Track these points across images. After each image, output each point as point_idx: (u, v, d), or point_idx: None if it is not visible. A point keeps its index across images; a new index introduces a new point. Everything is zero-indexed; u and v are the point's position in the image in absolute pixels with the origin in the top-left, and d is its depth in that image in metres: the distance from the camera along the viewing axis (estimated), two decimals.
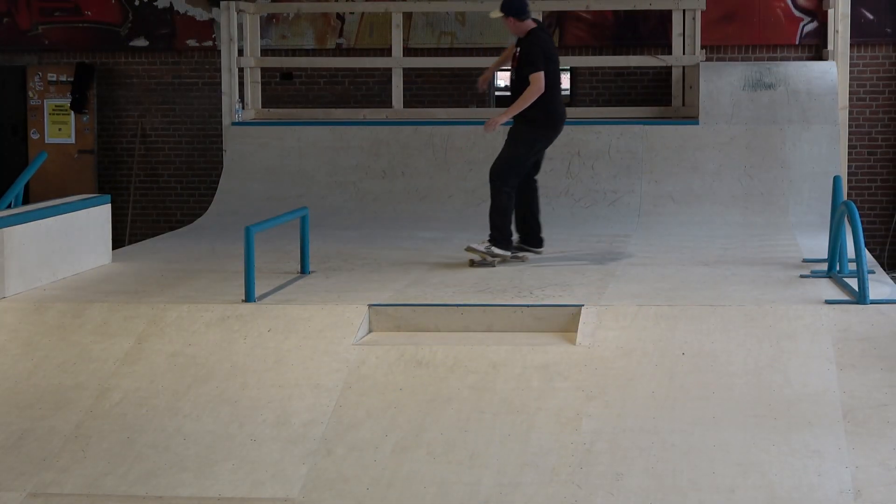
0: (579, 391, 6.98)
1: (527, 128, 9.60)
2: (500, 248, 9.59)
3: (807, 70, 12.98)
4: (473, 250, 9.56)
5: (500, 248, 9.59)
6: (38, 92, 15.21)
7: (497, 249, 9.57)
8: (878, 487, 6.21)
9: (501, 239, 9.61)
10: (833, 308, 7.62)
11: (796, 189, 12.41)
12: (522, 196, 9.79)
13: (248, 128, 13.54)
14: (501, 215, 9.61)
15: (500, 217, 9.62)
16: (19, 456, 6.77)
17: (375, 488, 6.41)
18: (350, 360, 7.36)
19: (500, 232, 9.61)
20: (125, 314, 7.95)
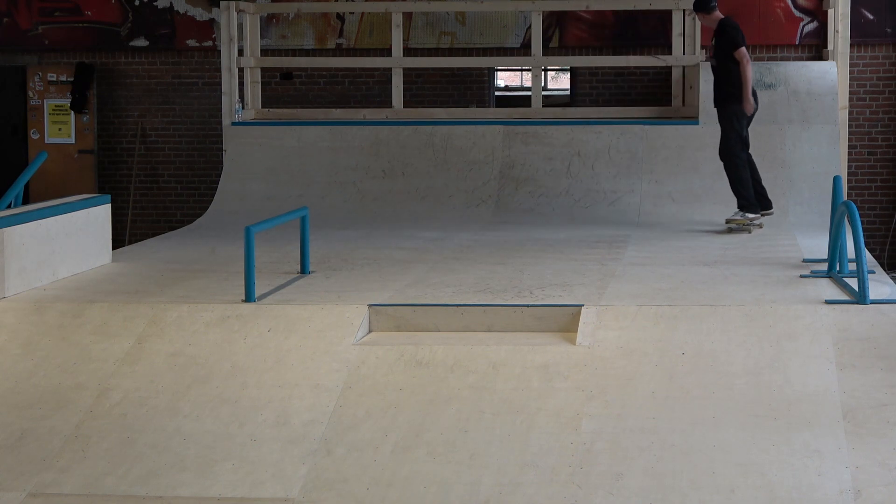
0: (579, 391, 6.98)
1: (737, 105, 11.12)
2: (752, 212, 11.20)
3: (807, 70, 12.98)
4: (732, 220, 11.16)
5: (752, 212, 11.20)
6: (38, 92, 15.21)
7: (750, 214, 11.18)
8: (878, 487, 6.21)
9: (749, 204, 11.19)
10: (833, 308, 7.62)
11: (796, 189, 12.41)
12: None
13: (248, 128, 13.54)
14: (745, 185, 11.18)
15: (743, 186, 11.18)
16: (19, 456, 6.77)
17: (375, 488, 6.41)
18: (350, 360, 7.36)
19: (747, 200, 11.19)
20: (125, 314, 7.95)
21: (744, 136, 11.27)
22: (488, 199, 12.70)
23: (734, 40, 11.16)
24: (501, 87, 24.97)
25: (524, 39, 14.55)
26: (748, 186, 11.24)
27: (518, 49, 14.69)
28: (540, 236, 11.22)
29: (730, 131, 11.22)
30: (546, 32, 14.38)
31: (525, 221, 12.15)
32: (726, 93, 11.24)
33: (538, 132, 13.05)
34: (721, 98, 11.31)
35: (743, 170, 11.24)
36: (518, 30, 14.61)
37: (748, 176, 11.28)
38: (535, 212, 12.49)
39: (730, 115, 11.21)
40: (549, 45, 14.49)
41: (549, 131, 12.99)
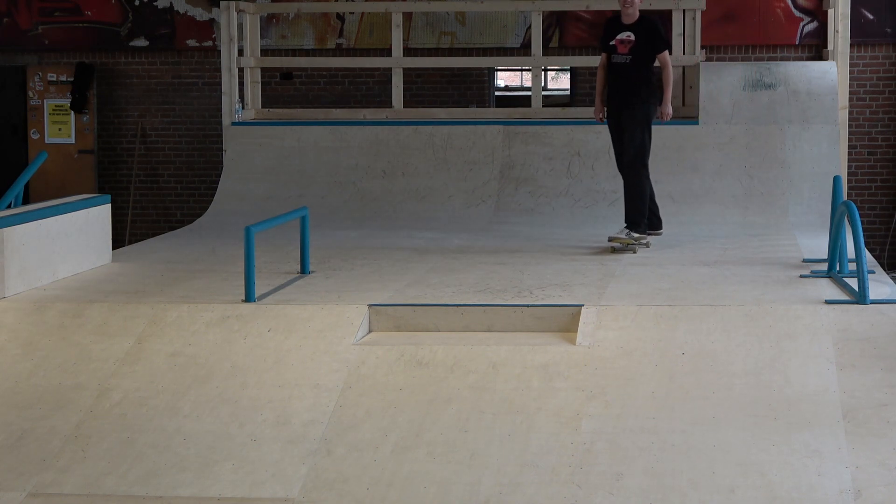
0: (579, 391, 6.98)
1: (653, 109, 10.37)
2: (638, 231, 10.25)
3: (807, 70, 12.98)
4: (616, 239, 10.14)
5: (638, 231, 10.25)
6: (38, 92, 15.21)
7: (636, 234, 10.22)
8: (878, 487, 6.21)
9: (640, 222, 10.27)
10: (833, 308, 7.62)
11: (796, 189, 12.40)
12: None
13: (248, 128, 13.54)
14: (644, 199, 10.31)
15: (642, 201, 10.29)
16: (19, 456, 6.77)
17: (375, 488, 6.41)
18: (350, 360, 7.36)
19: (641, 216, 10.26)
20: (125, 314, 7.95)
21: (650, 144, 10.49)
22: (488, 199, 12.70)
23: (664, 41, 10.51)
24: (501, 87, 24.97)
25: (524, 39, 14.55)
26: (647, 202, 10.42)
27: (518, 49, 14.69)
28: (540, 236, 11.22)
29: (640, 137, 10.35)
30: (546, 32, 14.38)
31: (525, 221, 12.14)
32: (641, 94, 10.37)
33: (538, 132, 13.04)
34: (634, 100, 10.37)
35: (646, 182, 10.44)
36: (518, 30, 14.61)
37: (649, 190, 10.51)
38: (535, 212, 12.49)
39: (642, 120, 10.36)
40: (549, 45, 14.49)
41: (549, 131, 12.98)
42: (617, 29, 10.44)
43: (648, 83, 10.39)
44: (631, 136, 10.32)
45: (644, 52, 10.31)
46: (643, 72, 10.34)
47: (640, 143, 10.30)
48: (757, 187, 12.44)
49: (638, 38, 10.30)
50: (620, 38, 10.36)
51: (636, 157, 10.31)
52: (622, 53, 10.35)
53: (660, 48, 10.37)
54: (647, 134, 10.34)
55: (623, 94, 10.38)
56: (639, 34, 10.32)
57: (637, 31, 10.34)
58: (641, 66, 10.32)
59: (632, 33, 10.34)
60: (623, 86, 10.38)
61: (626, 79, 10.35)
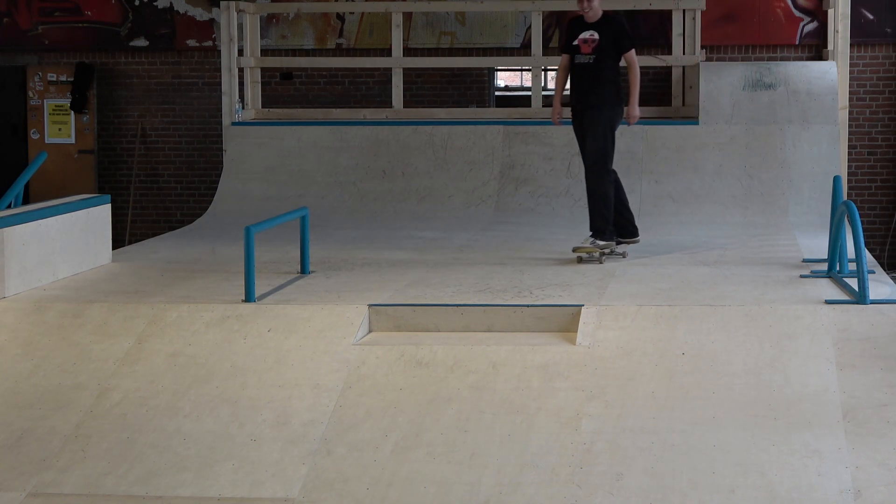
0: (579, 391, 6.98)
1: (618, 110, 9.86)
2: (604, 239, 9.70)
3: (807, 70, 12.98)
4: (581, 249, 9.64)
5: (604, 239, 9.70)
6: (38, 92, 15.21)
7: (601, 242, 9.68)
8: (878, 487, 6.21)
9: (605, 230, 9.71)
10: (833, 308, 7.62)
11: (796, 189, 12.41)
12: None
13: (248, 128, 13.54)
14: (608, 204, 9.76)
15: (606, 206, 9.74)
16: (19, 456, 6.77)
17: (375, 488, 6.41)
18: (350, 360, 7.36)
19: (606, 223, 9.72)
20: (125, 314, 7.95)
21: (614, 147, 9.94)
22: (488, 199, 12.70)
23: (630, 39, 9.88)
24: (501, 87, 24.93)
25: (524, 39, 14.55)
26: (611, 207, 9.81)
27: (518, 49, 14.68)
28: (540, 236, 11.21)
29: (603, 139, 9.79)
30: (546, 32, 14.37)
31: (525, 221, 12.14)
32: (604, 95, 9.81)
33: (538, 132, 13.04)
34: (596, 101, 9.82)
35: (609, 187, 9.81)
36: (518, 30, 14.61)
37: (613, 195, 9.87)
38: (535, 212, 12.49)
39: (606, 121, 9.80)
40: (549, 45, 14.48)
41: (549, 131, 12.98)
42: (580, 28, 9.91)
43: (614, 84, 9.86)
44: (593, 138, 9.79)
45: (609, 52, 9.80)
46: (607, 72, 9.82)
47: (602, 146, 9.78)
48: (757, 187, 12.44)
49: (602, 37, 9.79)
50: (584, 38, 9.83)
51: (598, 161, 9.78)
52: (585, 53, 9.82)
53: (625, 47, 9.83)
54: (609, 137, 9.82)
55: (586, 96, 9.86)
56: (603, 33, 9.80)
57: (601, 29, 9.82)
58: (605, 66, 9.80)
59: (596, 32, 9.82)
60: (587, 87, 9.86)
61: (589, 80, 9.83)
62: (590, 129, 9.83)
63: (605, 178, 9.77)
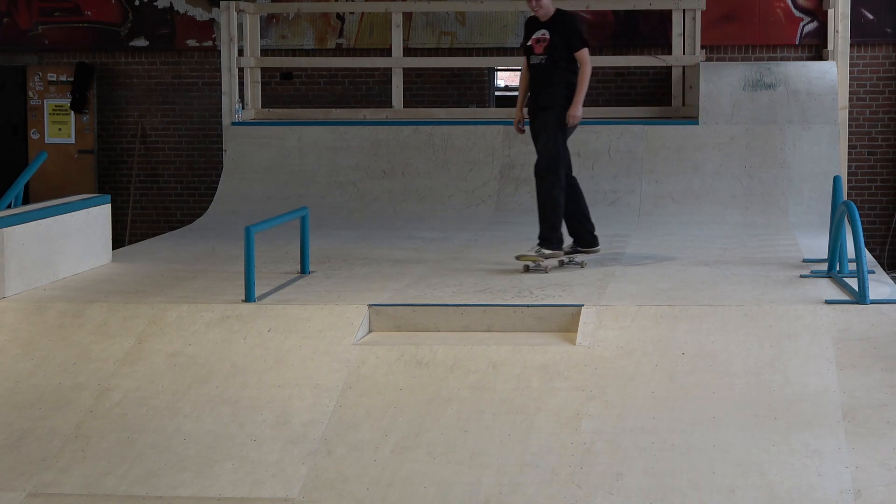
0: (579, 391, 6.98)
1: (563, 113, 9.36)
2: (550, 248, 9.24)
3: (807, 70, 12.98)
4: (524, 257, 9.18)
5: (550, 248, 9.24)
6: (38, 92, 15.21)
7: (547, 251, 9.21)
8: (878, 487, 6.21)
9: (554, 239, 9.26)
10: (833, 308, 7.62)
11: (796, 189, 12.41)
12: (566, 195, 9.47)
13: (248, 128, 13.54)
14: (556, 211, 9.31)
15: (554, 213, 9.31)
16: (19, 456, 6.77)
17: (375, 488, 6.41)
18: (350, 360, 7.36)
19: (553, 231, 9.27)
20: (125, 314, 7.95)
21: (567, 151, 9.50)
22: (488, 199, 12.70)
23: (581, 38, 9.36)
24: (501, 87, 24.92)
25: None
26: (560, 214, 9.34)
27: (518, 49, 14.67)
28: None
29: (553, 143, 9.33)
30: None
31: (525, 221, 12.11)
32: (556, 96, 9.35)
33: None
34: (548, 102, 9.37)
35: (559, 193, 9.33)
36: (518, 30, 14.60)
37: (563, 202, 9.38)
38: (534, 212, 12.42)
39: (555, 124, 9.34)
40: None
41: None
42: (534, 28, 9.50)
43: (567, 85, 9.33)
44: (544, 141, 9.35)
45: (560, 52, 9.30)
46: (560, 73, 9.31)
47: (552, 149, 9.31)
48: (757, 187, 12.44)
49: (553, 35, 9.34)
50: (536, 38, 9.41)
51: (548, 165, 9.32)
52: (538, 54, 9.38)
53: (576, 46, 9.30)
54: (561, 141, 9.36)
55: (539, 98, 9.42)
56: (553, 32, 9.35)
57: (552, 28, 9.37)
58: (557, 66, 9.30)
59: (547, 31, 9.37)
60: (539, 89, 9.41)
61: (542, 81, 9.38)
62: (541, 132, 9.42)
63: (556, 183, 9.32)
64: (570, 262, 9.41)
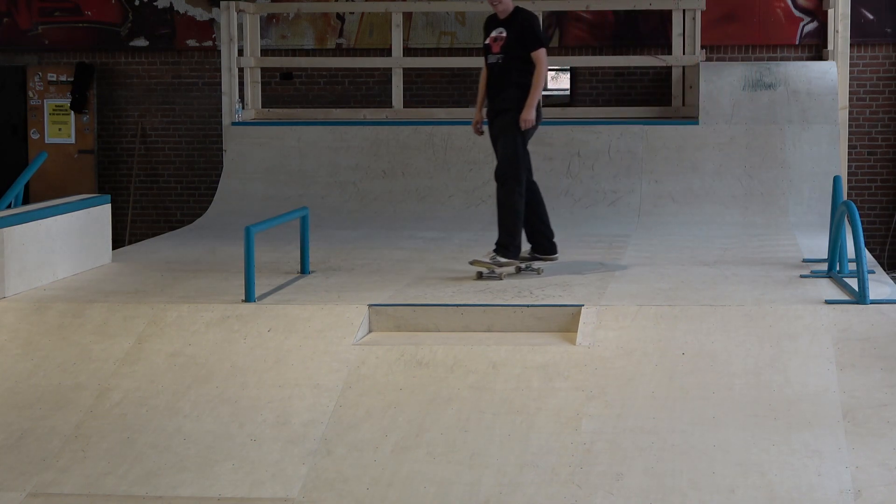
0: (579, 391, 6.98)
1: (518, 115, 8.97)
2: (507, 256, 8.92)
3: (807, 70, 12.98)
4: (478, 262, 8.90)
5: (507, 256, 8.92)
6: (38, 92, 15.21)
7: (503, 259, 8.90)
8: (878, 487, 6.21)
9: (511, 246, 8.95)
10: (833, 308, 7.62)
11: (796, 189, 12.41)
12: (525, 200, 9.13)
13: (248, 128, 13.54)
14: (515, 218, 8.94)
15: (512, 220, 8.92)
16: (19, 456, 6.77)
17: (375, 488, 6.41)
18: (350, 360, 7.36)
19: (511, 238, 8.93)
20: (125, 314, 7.95)
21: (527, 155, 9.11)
22: (488, 199, 12.69)
23: (537, 38, 8.99)
24: None
25: None
26: (520, 221, 8.95)
27: None
28: None
29: (513, 146, 8.95)
30: (546, 32, 14.37)
31: None
32: (513, 98, 8.98)
33: (538, 132, 12.96)
34: (505, 105, 9.01)
35: (519, 199, 8.95)
36: None
37: (523, 208, 9.00)
38: None
39: (514, 127, 8.96)
40: (549, 45, 14.47)
41: (549, 131, 12.97)
42: (493, 26, 9.14)
43: (524, 87, 8.94)
44: (503, 145, 8.98)
45: (517, 51, 8.91)
46: (517, 74, 8.96)
47: (512, 154, 8.94)
48: (757, 187, 12.44)
49: (509, 34, 8.96)
50: (494, 36, 9.07)
51: (507, 170, 8.95)
52: (495, 53, 9.02)
53: (532, 45, 8.92)
54: (520, 144, 8.98)
55: (496, 99, 9.06)
56: (511, 30, 8.96)
57: (509, 26, 8.99)
58: (514, 66, 8.95)
59: (505, 29, 9.01)
60: (497, 90, 9.05)
61: (498, 82, 9.02)
62: (500, 136, 9.04)
63: (516, 189, 8.94)
64: (526, 269, 9.09)
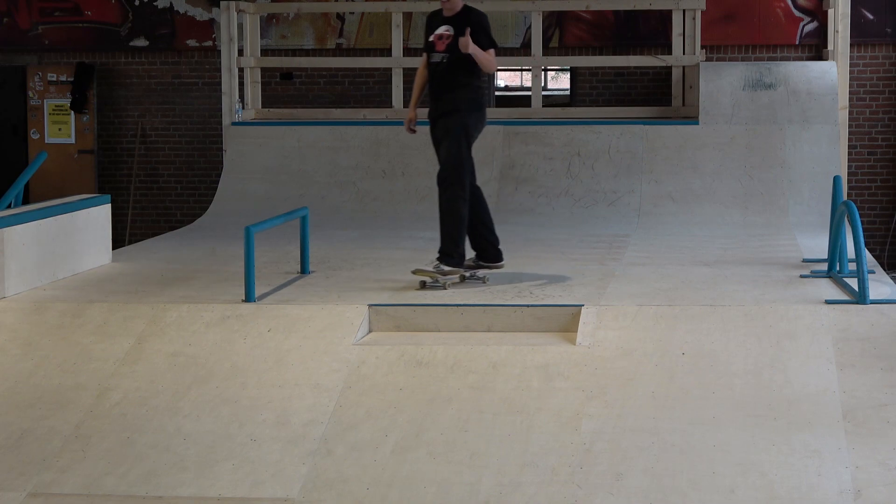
0: (579, 391, 6.98)
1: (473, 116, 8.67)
2: (450, 265, 8.51)
3: (807, 70, 12.98)
4: (421, 272, 8.49)
5: (450, 265, 8.51)
6: (38, 92, 15.21)
7: (447, 267, 8.49)
8: (878, 487, 6.21)
9: (455, 254, 8.54)
10: (833, 308, 7.62)
11: (796, 189, 12.41)
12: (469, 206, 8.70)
13: (248, 128, 13.54)
14: (459, 224, 8.54)
15: (456, 227, 8.52)
16: (19, 456, 6.77)
17: (375, 488, 6.41)
18: (350, 360, 7.36)
19: (455, 246, 8.53)
20: (125, 314, 7.95)
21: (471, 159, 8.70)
22: (488, 199, 12.65)
23: (489, 38, 8.64)
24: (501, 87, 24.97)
25: (524, 39, 14.55)
26: (463, 228, 8.56)
27: (518, 49, 14.68)
28: (540, 236, 11.22)
29: (456, 150, 8.53)
30: (546, 32, 14.38)
31: (525, 221, 12.14)
32: (458, 100, 8.62)
33: (538, 132, 13.04)
34: (449, 106, 8.65)
35: (462, 205, 8.53)
36: (518, 30, 14.61)
37: (467, 214, 8.59)
38: (535, 212, 12.49)
39: (460, 130, 8.57)
40: (549, 45, 14.49)
41: (549, 131, 12.99)
42: (437, 23, 8.74)
43: (471, 88, 8.62)
44: (447, 149, 8.59)
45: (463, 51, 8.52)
46: (463, 75, 8.61)
47: (454, 157, 8.53)
48: (757, 187, 12.44)
49: (457, 33, 8.57)
50: (439, 34, 8.67)
51: (450, 174, 8.53)
52: (440, 52, 8.61)
53: (484, 45, 8.57)
54: (465, 148, 8.56)
55: (440, 101, 8.70)
56: (459, 29, 8.56)
57: (458, 24, 8.58)
58: (460, 67, 8.56)
59: (452, 27, 8.60)
60: (440, 90, 8.68)
61: (443, 83, 8.65)
62: (443, 139, 8.66)
63: (459, 194, 8.53)
64: (471, 277, 8.75)
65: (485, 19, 8.73)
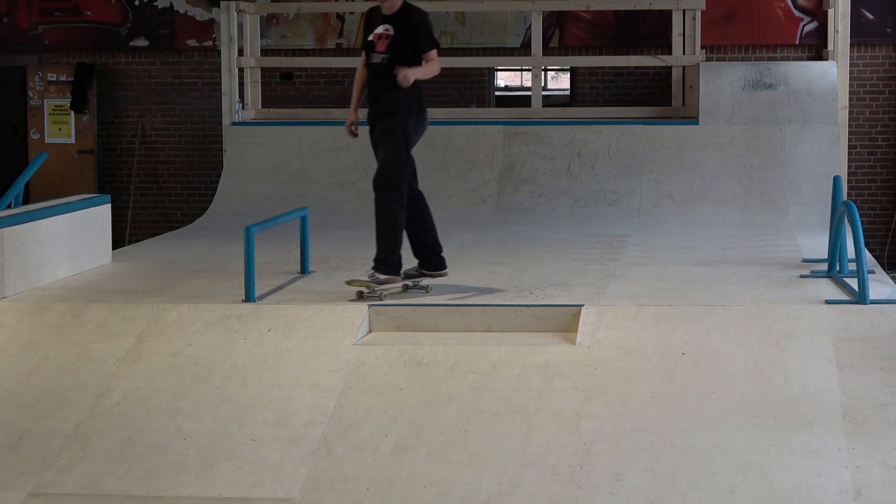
0: (579, 391, 6.98)
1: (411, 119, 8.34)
2: (386, 273, 8.18)
3: (807, 70, 12.98)
4: (356, 282, 8.15)
5: (386, 273, 8.18)
6: (38, 92, 15.21)
7: (382, 276, 8.16)
8: (878, 487, 6.21)
9: (390, 262, 8.23)
10: (833, 308, 7.62)
11: (796, 189, 12.41)
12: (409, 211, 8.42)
13: (248, 128, 13.54)
14: (395, 231, 8.23)
15: (392, 233, 8.22)
16: (19, 456, 6.77)
17: (375, 488, 6.41)
18: (350, 360, 7.36)
19: (390, 253, 8.23)
20: (125, 314, 7.95)
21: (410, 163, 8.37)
22: (488, 199, 12.70)
23: (431, 38, 8.26)
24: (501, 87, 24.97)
25: (524, 39, 14.55)
26: (399, 234, 8.26)
27: (518, 49, 14.69)
28: (540, 236, 11.21)
29: (394, 153, 8.22)
30: (546, 32, 14.38)
31: (525, 221, 12.14)
32: (397, 102, 8.25)
33: (538, 132, 13.04)
34: (388, 108, 8.29)
35: (399, 211, 8.22)
36: (518, 30, 14.61)
37: (403, 220, 8.30)
38: (535, 212, 12.49)
39: (398, 133, 8.24)
40: (549, 45, 14.49)
41: (549, 131, 12.99)
42: (376, 21, 8.34)
43: (411, 89, 8.21)
44: (385, 152, 8.26)
45: (404, 51, 8.18)
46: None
47: (393, 161, 8.22)
48: (757, 187, 12.44)
49: (398, 32, 8.20)
50: (378, 33, 8.26)
51: (387, 178, 8.22)
52: (379, 52, 8.24)
53: (425, 46, 8.22)
54: (403, 152, 8.26)
55: (378, 104, 8.34)
56: (399, 28, 8.21)
57: (397, 24, 8.23)
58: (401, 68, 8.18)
59: (391, 27, 8.23)
60: (379, 93, 8.31)
61: (382, 84, 8.27)
62: (381, 142, 8.32)
63: (396, 199, 8.22)
64: (414, 287, 8.47)
65: (426, 17, 8.34)
